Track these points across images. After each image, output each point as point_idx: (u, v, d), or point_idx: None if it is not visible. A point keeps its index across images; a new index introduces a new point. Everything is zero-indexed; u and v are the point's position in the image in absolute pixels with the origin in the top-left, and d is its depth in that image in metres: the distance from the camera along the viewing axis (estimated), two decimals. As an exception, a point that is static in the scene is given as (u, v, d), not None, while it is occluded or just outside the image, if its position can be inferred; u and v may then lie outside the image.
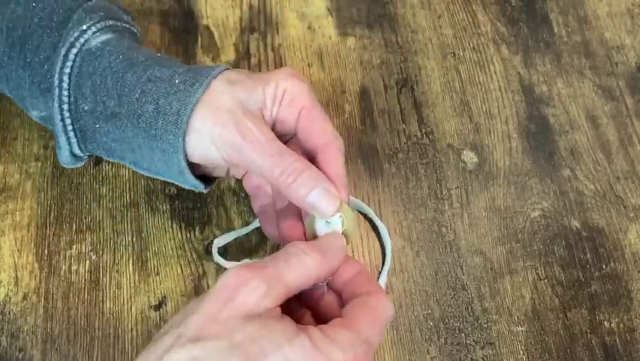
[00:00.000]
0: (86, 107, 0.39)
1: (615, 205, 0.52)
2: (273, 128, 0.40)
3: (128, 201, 0.49)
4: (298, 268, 0.33)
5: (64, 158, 0.42)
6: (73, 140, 0.40)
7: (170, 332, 0.30)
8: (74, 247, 0.48)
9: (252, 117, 0.38)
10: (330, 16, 0.59)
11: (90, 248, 0.48)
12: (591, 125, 0.55)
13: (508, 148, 0.54)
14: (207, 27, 0.57)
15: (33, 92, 0.41)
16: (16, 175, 0.50)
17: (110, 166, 0.51)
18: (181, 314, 0.31)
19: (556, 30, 0.60)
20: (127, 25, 0.43)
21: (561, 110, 0.56)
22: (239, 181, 0.50)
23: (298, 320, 0.36)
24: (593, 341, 0.47)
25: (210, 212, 0.50)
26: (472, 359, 0.46)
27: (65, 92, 0.39)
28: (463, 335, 0.47)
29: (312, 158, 0.39)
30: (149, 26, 0.57)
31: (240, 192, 0.50)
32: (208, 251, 0.48)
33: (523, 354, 0.47)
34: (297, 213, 0.40)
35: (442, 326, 0.47)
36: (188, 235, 0.49)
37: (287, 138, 0.41)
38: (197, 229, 0.49)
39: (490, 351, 0.47)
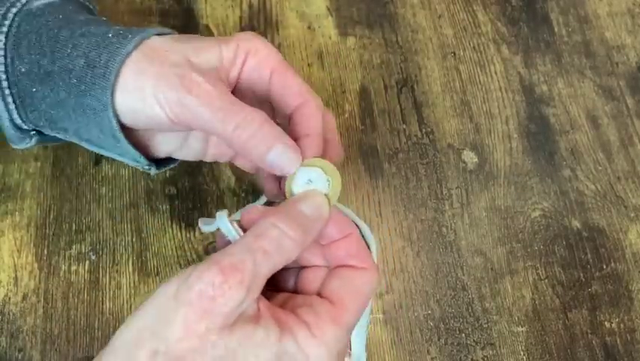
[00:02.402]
0: (23, 69, 0.36)
1: (616, 205, 0.52)
2: (242, 95, 0.37)
3: (128, 201, 0.49)
4: (276, 256, 0.30)
5: (7, 129, 0.39)
6: (12, 106, 0.37)
7: (144, 344, 0.27)
8: (74, 247, 0.48)
9: (199, 71, 0.34)
10: (330, 16, 0.59)
11: (90, 248, 0.48)
12: (592, 125, 0.55)
13: (509, 148, 0.54)
14: (207, 26, 0.57)
15: None
16: (16, 175, 0.50)
17: (109, 166, 0.50)
18: (152, 316, 0.28)
19: (556, 30, 0.60)
20: None
21: (561, 110, 0.56)
22: (239, 181, 0.50)
23: (278, 288, 0.35)
24: (593, 342, 0.47)
25: (210, 212, 0.49)
26: (472, 359, 0.46)
27: (1, 52, 0.36)
28: (463, 335, 0.47)
29: (289, 121, 0.37)
30: (149, 26, 0.56)
31: (239, 192, 0.50)
32: (208, 251, 0.48)
33: (524, 355, 0.47)
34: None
35: (443, 326, 0.47)
36: (188, 235, 0.49)
37: (261, 107, 0.38)
38: (197, 229, 0.49)
39: (490, 351, 0.46)
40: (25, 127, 0.39)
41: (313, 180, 0.34)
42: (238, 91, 0.37)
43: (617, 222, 0.52)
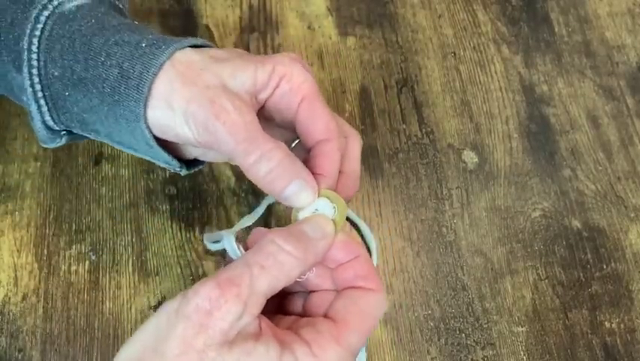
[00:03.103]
0: (56, 73, 0.37)
1: (616, 205, 0.52)
2: (266, 114, 0.37)
3: (128, 201, 0.49)
4: (275, 271, 0.29)
5: (39, 130, 0.39)
6: (44, 108, 0.38)
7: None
8: (74, 247, 0.48)
9: (231, 96, 0.34)
10: (330, 16, 0.59)
11: (90, 248, 0.48)
12: (592, 125, 0.55)
13: (509, 148, 0.54)
14: (207, 27, 0.57)
15: (9, 69, 0.38)
16: (16, 175, 0.49)
17: (109, 166, 0.50)
18: (150, 334, 0.29)
19: (556, 30, 0.59)
20: None
21: (562, 110, 0.56)
22: (239, 181, 0.50)
23: (286, 312, 0.34)
24: (593, 342, 0.47)
25: (210, 212, 0.49)
26: (472, 359, 0.46)
27: (34, 56, 0.36)
28: (463, 335, 0.47)
29: (308, 153, 0.37)
30: (149, 26, 0.56)
31: (239, 192, 0.50)
32: (208, 251, 0.48)
33: (524, 355, 0.47)
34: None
35: (443, 326, 0.47)
36: (188, 235, 0.49)
37: (284, 132, 0.39)
38: (197, 229, 0.49)
39: (490, 352, 0.46)
40: (57, 128, 0.39)
41: (319, 209, 0.35)
42: (265, 111, 0.37)
43: (617, 222, 0.52)
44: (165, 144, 0.38)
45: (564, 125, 0.55)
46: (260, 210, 0.44)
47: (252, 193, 0.50)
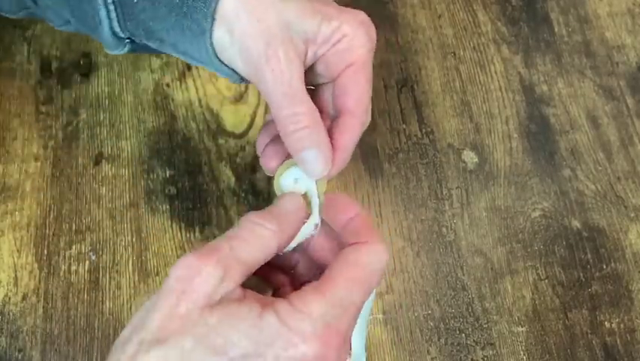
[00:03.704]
0: None
1: (616, 205, 0.52)
2: (312, 67, 0.37)
3: (128, 201, 0.49)
4: (253, 242, 0.30)
5: (106, 36, 0.39)
6: (113, 14, 0.38)
7: (131, 339, 0.28)
8: (74, 247, 0.48)
9: (288, 45, 0.34)
10: (330, 16, 0.59)
11: (90, 248, 0.48)
12: (592, 125, 0.55)
13: (509, 148, 0.54)
14: None
15: None
16: (16, 175, 0.50)
17: (109, 166, 0.50)
18: (139, 316, 0.29)
19: (556, 30, 0.60)
20: None
21: (562, 110, 0.56)
22: (239, 181, 0.50)
23: (276, 290, 0.34)
24: (593, 342, 0.47)
25: (210, 212, 0.49)
26: (472, 359, 0.46)
27: None
28: (463, 335, 0.47)
29: (334, 116, 0.37)
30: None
31: (239, 192, 0.50)
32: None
33: (524, 355, 0.47)
34: (282, 148, 0.38)
35: (443, 326, 0.47)
36: (188, 235, 0.49)
37: (322, 82, 0.38)
38: (197, 229, 0.49)
39: (490, 352, 0.46)
40: (122, 35, 0.39)
41: (299, 181, 0.35)
42: (315, 66, 0.37)
43: (617, 222, 0.52)
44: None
45: (564, 125, 0.55)
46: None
47: (252, 193, 0.50)
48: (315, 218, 0.35)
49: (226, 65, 0.37)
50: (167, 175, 0.50)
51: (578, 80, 0.57)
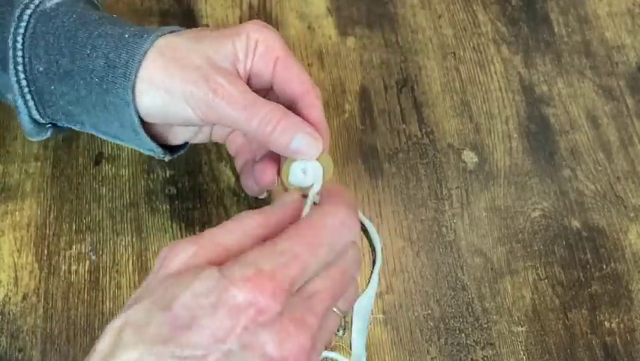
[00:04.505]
0: (41, 68, 0.39)
1: (615, 205, 0.52)
2: (249, 82, 0.39)
3: (128, 201, 0.49)
4: (234, 228, 0.30)
5: (25, 124, 0.41)
6: (31, 103, 0.40)
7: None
8: (74, 247, 0.48)
9: (222, 72, 0.37)
10: (330, 16, 0.59)
11: (90, 248, 0.48)
12: (591, 125, 0.55)
13: (509, 148, 0.54)
14: (207, 27, 0.57)
15: None
16: (16, 175, 0.50)
17: (110, 166, 0.50)
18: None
19: (556, 30, 0.60)
20: None
21: (561, 110, 0.56)
22: (239, 181, 0.50)
23: None
24: (593, 342, 0.47)
25: (210, 212, 0.49)
26: (472, 359, 0.46)
27: (19, 53, 0.38)
28: (463, 335, 0.47)
29: (290, 107, 0.38)
30: (150, 26, 0.56)
31: (239, 192, 0.50)
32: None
33: (524, 354, 0.47)
34: (273, 157, 0.40)
35: (442, 326, 0.47)
36: (188, 235, 0.48)
37: (264, 92, 0.40)
38: (197, 229, 0.49)
39: (490, 351, 0.46)
40: (43, 121, 0.41)
41: (307, 170, 0.37)
42: (251, 80, 0.40)
43: (617, 222, 0.52)
44: (153, 134, 0.40)
45: (564, 126, 0.55)
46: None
47: (252, 193, 0.50)
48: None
49: (150, 138, 0.39)
50: (167, 175, 0.50)
51: (577, 80, 0.57)
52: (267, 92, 0.41)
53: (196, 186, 0.50)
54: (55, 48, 0.38)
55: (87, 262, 0.47)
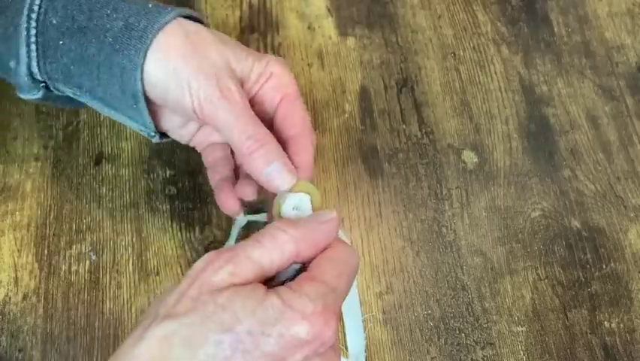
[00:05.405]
0: (54, 21, 0.38)
1: (615, 205, 0.52)
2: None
3: (128, 201, 0.49)
4: (268, 245, 0.32)
5: (22, 75, 0.40)
6: (34, 54, 0.39)
7: (150, 314, 0.31)
8: (74, 247, 0.48)
9: (235, 80, 0.38)
10: (330, 16, 0.59)
11: (90, 248, 0.48)
12: (591, 126, 0.55)
13: (509, 148, 0.54)
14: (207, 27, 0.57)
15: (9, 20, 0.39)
16: (16, 175, 0.50)
17: (110, 166, 0.51)
18: (160, 298, 0.32)
19: (556, 30, 0.60)
20: None
21: (561, 110, 0.56)
22: (239, 181, 0.50)
23: None
24: (593, 342, 0.47)
25: (210, 212, 0.49)
26: (472, 359, 0.46)
27: (37, 1, 0.38)
28: (463, 335, 0.47)
29: (283, 146, 0.39)
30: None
31: (239, 192, 0.50)
32: (208, 251, 0.48)
33: (524, 354, 0.47)
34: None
35: (442, 326, 0.47)
36: (188, 235, 0.49)
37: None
38: (197, 229, 0.49)
39: (490, 351, 0.46)
40: (39, 77, 0.40)
41: (298, 207, 0.37)
42: (252, 107, 0.40)
43: (617, 222, 0.52)
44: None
45: (564, 126, 0.55)
46: (234, 233, 0.48)
47: (252, 193, 0.50)
48: None
49: (148, 109, 0.39)
50: (168, 175, 0.51)
51: (577, 80, 0.57)
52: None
53: (196, 186, 0.50)
54: (74, 3, 0.38)
55: (87, 262, 0.47)
